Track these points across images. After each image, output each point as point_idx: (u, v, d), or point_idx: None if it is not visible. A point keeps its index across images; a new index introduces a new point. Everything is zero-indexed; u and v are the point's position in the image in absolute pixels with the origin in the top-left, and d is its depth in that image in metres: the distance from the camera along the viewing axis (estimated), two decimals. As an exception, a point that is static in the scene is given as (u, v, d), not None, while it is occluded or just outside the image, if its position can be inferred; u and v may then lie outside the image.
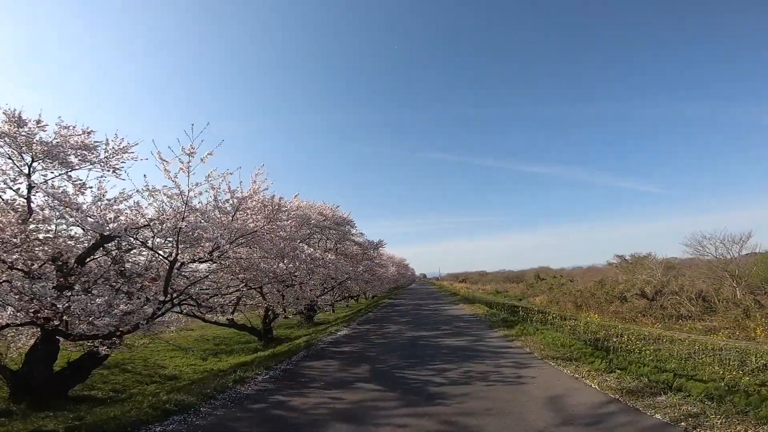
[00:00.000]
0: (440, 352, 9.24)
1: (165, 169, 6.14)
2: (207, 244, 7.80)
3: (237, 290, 9.24)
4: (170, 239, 6.46)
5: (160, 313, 5.99)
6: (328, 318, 23.54)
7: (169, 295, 6.07)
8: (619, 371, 6.43)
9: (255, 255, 9.47)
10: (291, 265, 10.66)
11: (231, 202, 8.07)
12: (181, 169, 6.10)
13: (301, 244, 13.23)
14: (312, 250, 11.71)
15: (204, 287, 8.17)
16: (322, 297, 16.19)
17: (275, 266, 9.72)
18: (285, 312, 12.89)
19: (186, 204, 6.09)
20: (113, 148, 7.15)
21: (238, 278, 9.28)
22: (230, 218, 8.04)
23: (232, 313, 13.52)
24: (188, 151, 5.89)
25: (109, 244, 6.58)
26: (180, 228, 6.01)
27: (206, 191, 7.52)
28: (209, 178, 6.37)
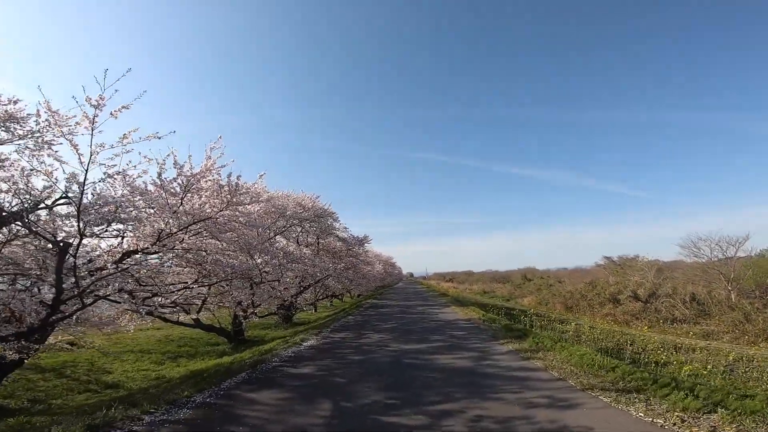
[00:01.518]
0: (436, 379, 6.70)
1: (56, 124, 4.72)
2: (148, 229, 6.44)
3: (186, 287, 7.85)
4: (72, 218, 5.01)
5: (66, 314, 4.61)
6: (309, 318, 22.15)
7: (70, 292, 4.68)
8: (723, 410, 4.42)
9: (211, 247, 8.11)
10: (260, 260, 9.34)
11: (179, 181, 6.71)
12: (81, 124, 4.65)
13: (277, 237, 11.88)
14: (286, 242, 10.35)
15: (145, 283, 6.75)
16: (302, 296, 14.87)
17: (240, 260, 8.36)
18: (255, 312, 11.51)
19: (86, 171, 4.61)
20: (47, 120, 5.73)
21: (190, 273, 7.92)
22: (179, 200, 6.68)
23: (198, 312, 12.14)
24: (94, 102, 4.47)
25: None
26: (81, 202, 4.60)
27: (149, 167, 6.16)
28: (124, 140, 4.90)
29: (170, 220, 6.72)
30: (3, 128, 5.75)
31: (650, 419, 4.45)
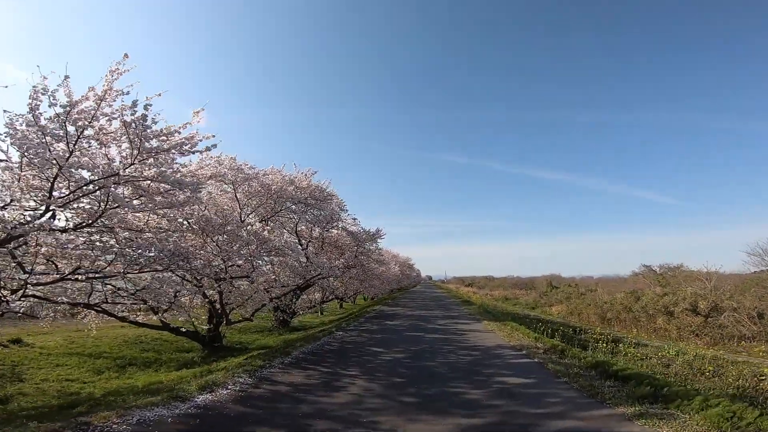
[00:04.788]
0: None
1: None
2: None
3: (62, 278, 5.48)
4: None
5: None
6: (312, 322, 19.69)
7: None
8: None
9: (152, 223, 5.70)
10: (227, 246, 6.90)
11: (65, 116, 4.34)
12: None
13: (255, 222, 9.42)
14: (260, 225, 7.89)
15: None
16: (301, 298, 12.40)
17: (181, 244, 5.93)
18: (227, 317, 9.13)
19: None
20: None
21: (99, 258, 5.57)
22: (69, 148, 4.29)
23: (165, 311, 9.84)
24: None
25: None
26: None
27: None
28: None
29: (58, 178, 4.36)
30: None
31: None
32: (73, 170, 5.04)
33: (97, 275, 6.63)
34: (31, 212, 5.57)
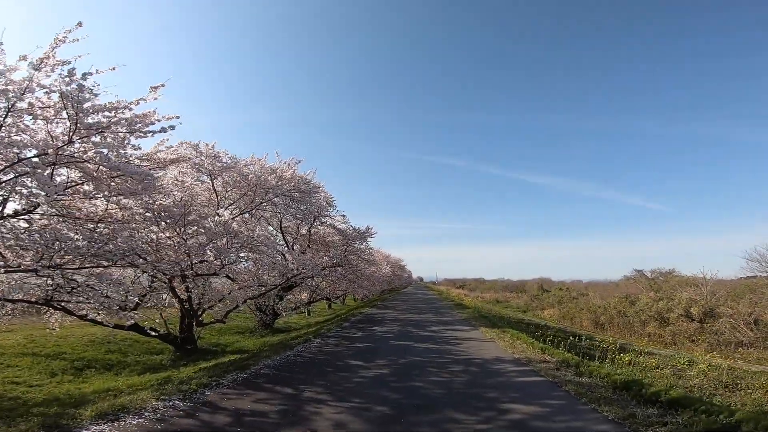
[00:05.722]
0: None
1: None
2: None
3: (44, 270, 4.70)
4: None
5: None
6: (298, 323, 18.90)
7: None
8: None
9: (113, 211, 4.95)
10: (192, 240, 6.13)
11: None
12: None
13: (227, 213, 8.64)
14: (229, 213, 7.14)
15: None
16: (285, 298, 11.64)
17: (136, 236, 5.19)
18: (199, 318, 8.36)
19: None
20: None
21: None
22: None
23: (132, 310, 9.03)
24: None
25: None
26: None
27: None
28: None
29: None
30: None
31: None
32: (1, 148, 4.28)
33: (50, 269, 5.87)
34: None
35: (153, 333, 9.42)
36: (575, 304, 33.96)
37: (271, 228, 15.40)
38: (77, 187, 5.20)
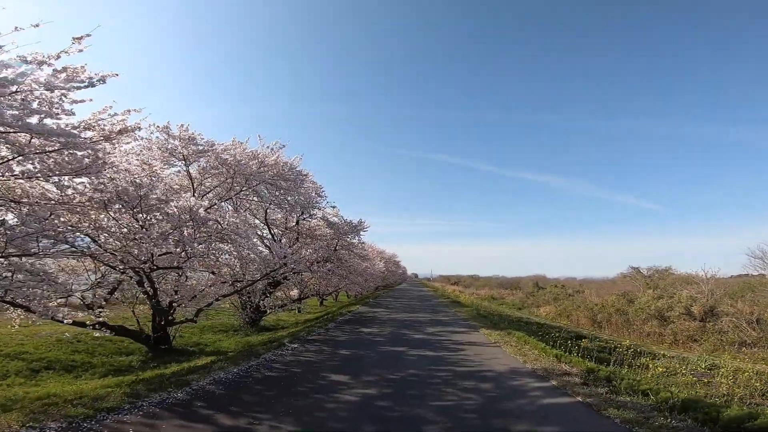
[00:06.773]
0: None
1: None
2: None
3: None
4: None
5: None
6: (287, 320, 18.12)
7: None
8: None
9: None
10: (149, 227, 5.34)
11: None
12: None
13: (190, 199, 7.81)
14: (196, 198, 6.33)
15: None
16: (258, 292, 10.85)
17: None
18: (171, 316, 7.58)
19: None
20: None
21: None
22: None
23: (100, 307, 8.20)
24: None
25: None
26: None
27: None
28: None
29: None
30: None
31: None
32: None
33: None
34: None
35: (107, 331, 8.42)
36: (572, 301, 33.48)
37: (257, 221, 14.59)
38: (8, 164, 4.39)
